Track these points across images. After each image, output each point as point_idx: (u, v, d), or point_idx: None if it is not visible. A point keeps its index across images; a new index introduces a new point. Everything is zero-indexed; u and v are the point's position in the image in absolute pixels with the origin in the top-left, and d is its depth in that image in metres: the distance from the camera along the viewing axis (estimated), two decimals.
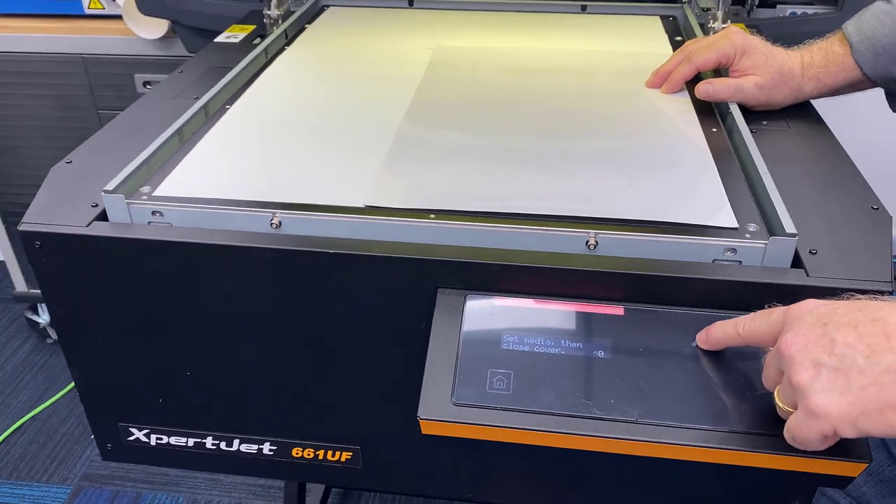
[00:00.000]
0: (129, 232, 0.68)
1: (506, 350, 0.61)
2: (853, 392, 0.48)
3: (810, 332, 0.50)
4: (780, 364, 0.52)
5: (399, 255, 0.64)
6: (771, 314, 0.54)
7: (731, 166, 0.76)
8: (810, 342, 0.49)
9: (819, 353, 0.49)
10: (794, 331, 0.50)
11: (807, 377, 0.49)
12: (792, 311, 0.53)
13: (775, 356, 0.52)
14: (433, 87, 0.94)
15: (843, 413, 0.48)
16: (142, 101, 0.92)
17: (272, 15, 1.14)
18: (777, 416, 0.55)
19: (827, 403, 0.48)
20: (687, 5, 1.20)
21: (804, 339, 0.50)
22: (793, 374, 0.50)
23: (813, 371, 0.49)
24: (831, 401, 0.48)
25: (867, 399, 0.47)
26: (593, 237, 0.64)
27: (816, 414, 0.49)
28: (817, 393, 0.48)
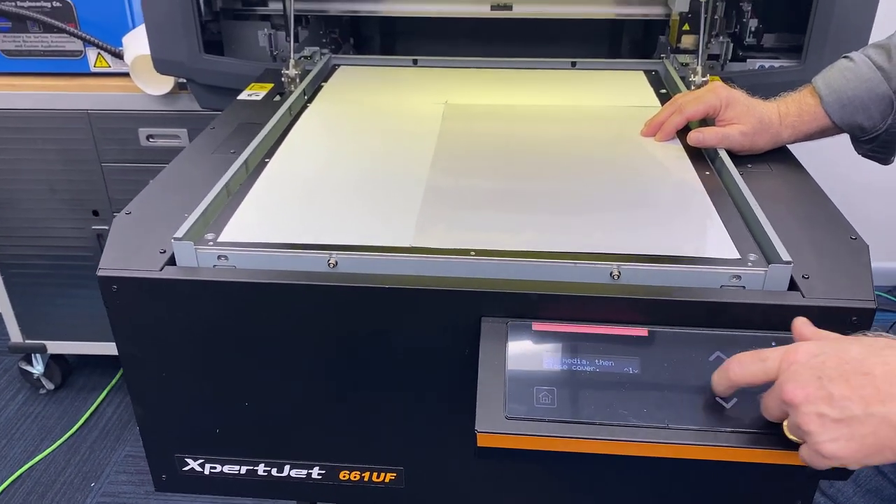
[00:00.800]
0: (198, 275, 0.75)
1: (548, 369, 0.69)
2: (856, 440, 0.57)
3: (809, 385, 0.58)
4: (785, 409, 0.60)
5: (445, 289, 0.72)
6: (766, 362, 0.62)
7: (725, 204, 0.86)
8: (811, 395, 0.58)
9: (821, 406, 0.57)
10: (793, 382, 0.59)
11: (814, 427, 0.58)
12: (786, 359, 0.61)
13: (777, 401, 0.61)
14: (451, 140, 1.03)
15: (850, 457, 0.57)
16: (182, 157, 1.00)
17: (290, 74, 1.23)
18: None
19: (836, 450, 0.57)
20: (667, 60, 1.32)
21: (804, 392, 0.58)
22: (801, 422, 0.59)
23: (819, 421, 0.58)
24: (839, 448, 0.57)
25: (868, 444, 0.57)
26: (616, 269, 0.73)
27: (827, 457, 0.58)
28: (826, 442, 0.58)
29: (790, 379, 0.59)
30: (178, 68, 1.38)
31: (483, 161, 0.98)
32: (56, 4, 1.62)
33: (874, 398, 0.56)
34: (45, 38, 1.67)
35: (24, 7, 1.61)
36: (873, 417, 0.56)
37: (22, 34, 1.66)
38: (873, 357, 0.58)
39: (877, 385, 0.56)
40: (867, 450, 0.57)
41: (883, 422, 0.56)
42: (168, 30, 1.33)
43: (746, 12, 1.35)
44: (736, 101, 0.98)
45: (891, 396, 0.56)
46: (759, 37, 1.36)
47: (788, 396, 0.59)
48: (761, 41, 1.37)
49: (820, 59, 1.28)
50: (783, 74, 1.31)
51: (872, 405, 0.56)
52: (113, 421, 1.97)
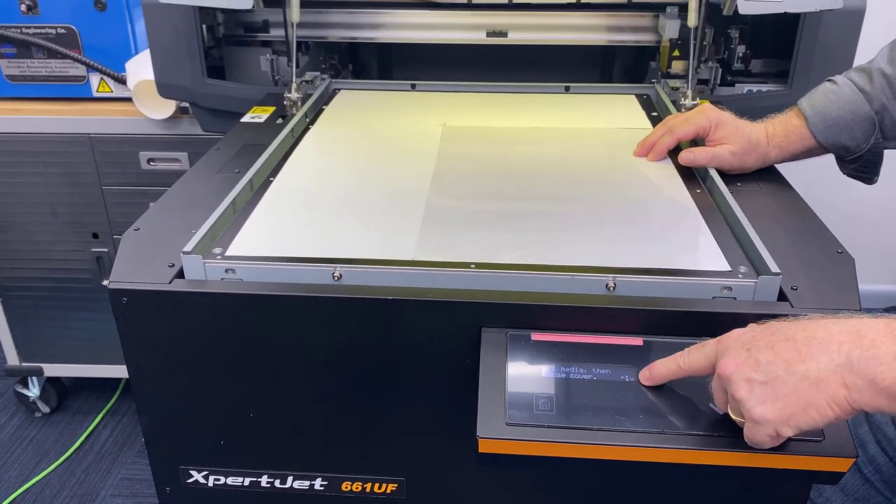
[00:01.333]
0: (206, 287, 0.77)
1: (546, 377, 0.71)
2: (780, 399, 0.61)
3: (738, 356, 0.63)
4: (724, 385, 0.64)
5: (447, 300, 0.75)
6: (705, 347, 0.67)
7: (716, 220, 0.89)
8: (740, 364, 0.62)
9: (748, 372, 0.62)
10: (726, 357, 0.64)
11: (744, 393, 0.62)
12: (722, 341, 0.66)
13: (717, 380, 0.65)
14: (450, 161, 1.06)
15: (778, 417, 0.61)
16: (188, 176, 1.02)
17: (292, 97, 1.26)
18: None
19: (764, 412, 0.61)
20: (658, 85, 1.36)
21: (734, 362, 0.63)
22: (733, 391, 0.63)
23: (747, 387, 0.62)
24: (766, 410, 0.61)
25: (792, 402, 0.60)
26: (612, 280, 0.76)
27: (758, 421, 0.62)
28: (755, 406, 0.61)
29: (724, 354, 0.64)
30: (181, 92, 1.42)
31: (481, 180, 1.01)
32: (61, 31, 1.66)
33: (795, 359, 0.60)
34: (49, 64, 1.70)
35: (29, 34, 1.65)
36: (794, 375, 0.60)
37: (27, 60, 1.69)
38: (796, 326, 0.63)
39: (798, 348, 0.61)
40: (791, 408, 0.60)
41: (803, 379, 0.60)
42: (172, 55, 1.36)
43: (734, 39, 1.39)
44: (725, 122, 1.01)
45: (809, 356, 0.60)
46: (747, 62, 1.40)
47: (722, 370, 0.63)
48: (749, 67, 1.41)
49: (806, 83, 1.33)
50: (770, 98, 1.35)
51: (793, 365, 0.60)
52: (109, 444, 1.97)
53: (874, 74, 0.98)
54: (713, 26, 1.38)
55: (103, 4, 1.63)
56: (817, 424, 0.61)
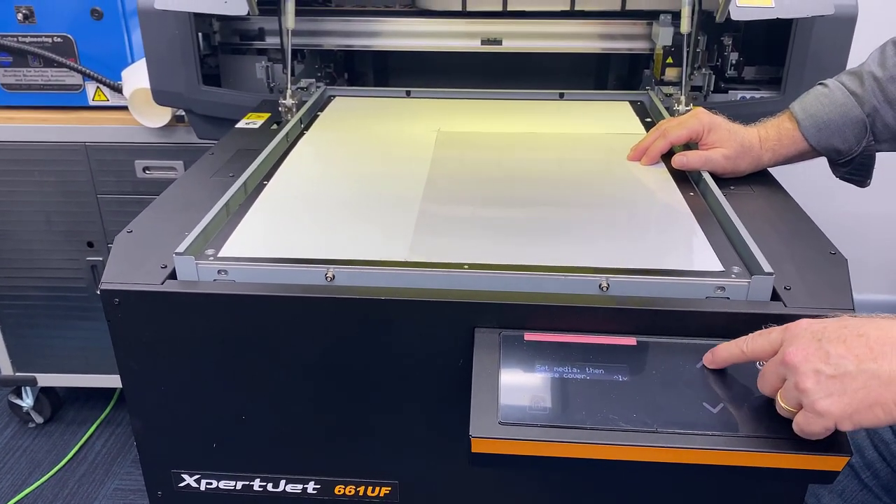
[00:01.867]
0: (199, 288, 0.77)
1: (540, 377, 0.71)
2: (848, 394, 0.60)
3: (809, 346, 0.62)
4: (784, 373, 0.64)
5: (440, 300, 0.74)
6: (770, 333, 0.67)
7: (709, 222, 0.89)
8: (810, 354, 0.62)
9: (818, 363, 0.61)
10: (794, 345, 0.63)
11: (811, 384, 0.61)
12: (790, 329, 0.65)
13: (778, 366, 0.65)
14: (445, 165, 1.07)
15: (842, 412, 0.61)
16: (182, 180, 1.02)
17: (287, 104, 1.26)
18: (774, 419, 0.66)
19: (829, 406, 0.61)
20: (652, 92, 1.37)
21: (804, 351, 0.62)
22: (799, 381, 0.62)
23: (814, 378, 0.61)
24: (832, 403, 0.61)
25: (859, 399, 0.60)
26: (605, 280, 0.76)
27: (822, 413, 0.61)
28: (821, 399, 0.61)
29: (792, 342, 0.64)
30: (176, 99, 1.42)
31: (476, 183, 1.01)
32: (57, 40, 1.66)
33: (867, 356, 0.60)
34: (44, 73, 1.71)
35: (25, 42, 1.65)
36: (864, 373, 0.60)
37: (23, 68, 1.69)
38: (869, 323, 0.63)
39: (870, 345, 0.61)
40: (858, 404, 0.60)
41: (873, 377, 0.60)
42: (168, 61, 1.37)
43: (727, 46, 1.40)
44: (718, 126, 1.02)
45: (882, 355, 0.60)
46: (740, 69, 1.41)
47: (789, 357, 0.62)
48: (742, 73, 1.42)
49: (798, 89, 1.33)
50: (763, 105, 1.36)
51: (865, 362, 0.60)
52: (102, 454, 1.96)
53: (865, 77, 0.99)
54: (706, 33, 1.39)
55: (100, 13, 1.63)
56: (880, 423, 0.60)
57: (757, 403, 0.68)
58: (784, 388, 0.64)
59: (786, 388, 0.64)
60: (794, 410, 0.64)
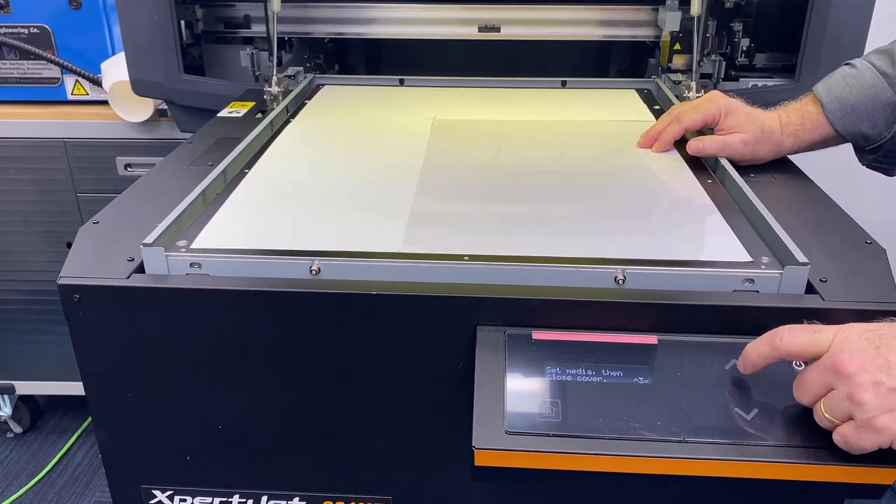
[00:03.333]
0: (168, 283, 0.69)
1: (550, 380, 0.63)
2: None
3: (865, 353, 0.55)
4: (832, 381, 0.56)
5: (437, 295, 0.67)
6: (817, 332, 0.58)
7: (731, 210, 0.82)
8: (867, 362, 0.54)
9: (877, 374, 0.54)
10: (847, 351, 0.55)
11: (869, 396, 0.54)
12: (843, 331, 0.57)
13: (824, 373, 0.56)
14: (441, 152, 0.99)
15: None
16: (157, 169, 0.95)
17: (272, 92, 1.19)
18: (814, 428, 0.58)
19: (890, 421, 0.53)
20: (659, 80, 1.30)
21: (860, 359, 0.55)
22: (854, 392, 0.54)
23: (874, 391, 0.54)
24: (893, 419, 0.53)
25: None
26: (621, 273, 0.68)
27: (880, 430, 0.54)
28: (881, 413, 0.54)
29: (845, 349, 0.56)
30: (156, 90, 1.34)
31: (475, 172, 0.93)
32: (34, 31, 1.59)
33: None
34: (21, 65, 1.63)
35: (0, 33, 1.57)
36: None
37: None
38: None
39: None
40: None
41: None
42: (147, 49, 1.29)
43: (737, 32, 1.33)
44: (736, 110, 0.95)
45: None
46: (751, 56, 1.34)
47: (843, 366, 0.55)
48: (753, 61, 1.35)
49: (814, 76, 1.26)
50: (777, 93, 1.28)
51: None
52: (83, 466, 1.87)
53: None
54: (715, 19, 1.31)
55: (78, 3, 1.56)
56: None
57: (796, 408, 0.60)
58: (830, 397, 0.56)
59: (833, 398, 0.56)
60: (839, 422, 0.56)
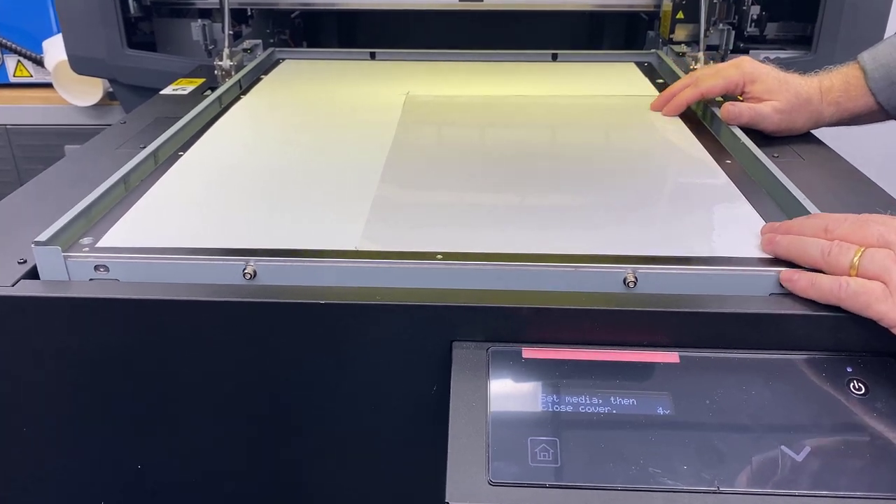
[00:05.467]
0: (66, 290, 0.55)
1: (546, 412, 0.50)
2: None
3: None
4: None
5: (403, 303, 0.53)
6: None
7: (758, 195, 0.68)
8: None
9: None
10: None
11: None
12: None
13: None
14: (414, 131, 0.85)
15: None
16: (77, 153, 0.80)
17: (224, 66, 1.04)
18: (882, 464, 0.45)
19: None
20: (660, 52, 1.16)
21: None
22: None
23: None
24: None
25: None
26: (631, 273, 0.55)
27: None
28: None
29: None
30: (97, 67, 1.19)
31: (454, 153, 0.79)
32: None
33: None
34: None
35: None
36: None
37: None
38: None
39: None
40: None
41: None
42: (84, 22, 1.14)
43: None
44: (764, 76, 0.83)
45: None
46: (762, 26, 1.20)
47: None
48: (764, 31, 1.21)
49: (832, 48, 1.14)
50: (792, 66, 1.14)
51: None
52: None
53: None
54: None
55: None
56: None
57: (861, 446, 0.47)
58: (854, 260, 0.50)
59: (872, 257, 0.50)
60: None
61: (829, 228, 0.54)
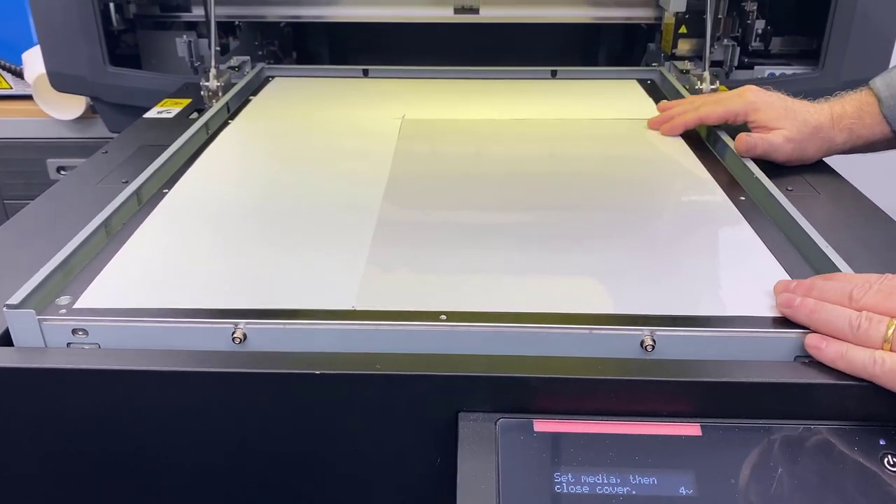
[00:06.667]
0: (42, 360, 0.51)
1: (560, 493, 0.46)
2: None
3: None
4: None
5: (405, 373, 0.49)
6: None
7: (778, 242, 0.65)
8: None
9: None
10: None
11: None
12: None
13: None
14: (410, 163, 0.81)
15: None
16: (56, 189, 0.76)
17: (211, 87, 1.00)
18: None
19: None
20: (662, 68, 1.13)
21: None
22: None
23: None
24: None
25: None
26: (649, 336, 0.51)
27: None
28: None
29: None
30: (78, 85, 1.15)
31: (453, 190, 0.76)
32: None
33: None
34: None
35: None
36: None
37: None
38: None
39: None
40: None
41: None
42: (64, 37, 1.10)
43: (751, 13, 1.16)
44: (769, 105, 0.80)
45: None
46: (767, 40, 1.17)
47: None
48: (769, 45, 1.18)
49: (840, 63, 1.11)
50: (798, 83, 1.12)
51: None
52: None
53: None
54: None
55: None
56: None
57: None
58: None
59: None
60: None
61: (854, 297, 0.50)
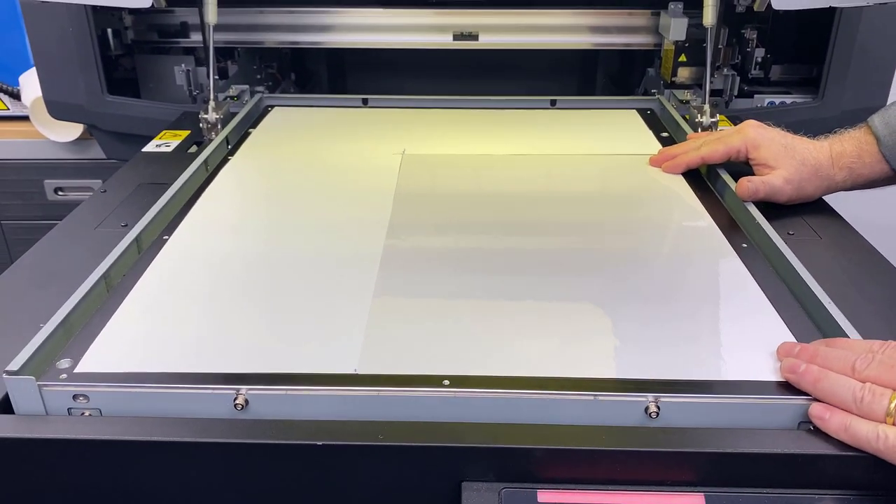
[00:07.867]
0: (42, 429, 0.50)
1: None
2: None
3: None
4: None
5: (408, 444, 0.49)
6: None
7: (783, 297, 0.64)
8: None
9: None
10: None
11: None
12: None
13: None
14: (411, 205, 0.81)
15: None
16: (55, 233, 0.76)
17: (210, 118, 0.99)
18: None
19: None
20: (662, 97, 1.12)
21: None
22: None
23: None
24: None
25: None
26: (654, 403, 0.51)
27: None
28: None
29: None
30: (76, 113, 1.14)
31: (454, 240, 0.75)
32: None
33: None
34: None
35: None
36: None
37: None
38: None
39: None
40: None
41: None
42: (62, 66, 1.09)
43: (751, 41, 1.16)
44: (769, 142, 0.80)
45: None
46: (767, 69, 1.17)
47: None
48: (769, 73, 1.18)
49: (841, 92, 1.10)
50: (798, 112, 1.12)
51: None
52: None
53: None
54: (727, 26, 1.14)
55: None
56: None
57: None
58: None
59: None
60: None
61: (857, 367, 0.50)
